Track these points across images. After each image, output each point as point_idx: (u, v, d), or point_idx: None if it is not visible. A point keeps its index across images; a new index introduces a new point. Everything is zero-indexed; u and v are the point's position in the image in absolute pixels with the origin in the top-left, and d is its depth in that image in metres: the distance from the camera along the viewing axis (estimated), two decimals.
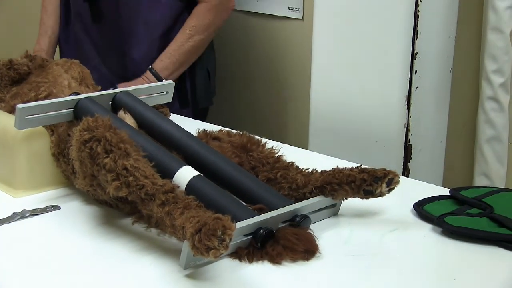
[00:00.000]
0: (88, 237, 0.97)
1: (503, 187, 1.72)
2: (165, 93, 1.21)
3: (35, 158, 1.11)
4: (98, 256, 0.93)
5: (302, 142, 1.78)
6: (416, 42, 1.64)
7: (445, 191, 1.14)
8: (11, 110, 1.18)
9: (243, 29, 2.37)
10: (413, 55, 1.65)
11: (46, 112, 1.04)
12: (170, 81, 1.28)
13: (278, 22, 2.26)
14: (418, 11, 1.60)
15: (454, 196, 1.08)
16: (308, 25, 2.00)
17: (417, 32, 1.63)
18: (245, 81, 2.46)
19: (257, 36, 2.38)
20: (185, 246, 0.84)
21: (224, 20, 1.76)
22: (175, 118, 1.29)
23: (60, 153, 1.05)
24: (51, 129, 1.10)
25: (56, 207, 1.01)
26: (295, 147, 1.40)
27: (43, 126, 1.11)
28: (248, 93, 2.44)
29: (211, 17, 1.73)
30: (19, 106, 1.03)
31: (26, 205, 1.03)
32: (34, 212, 0.99)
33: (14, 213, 0.98)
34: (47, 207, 1.01)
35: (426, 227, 1.01)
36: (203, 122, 1.51)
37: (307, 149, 1.69)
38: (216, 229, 0.79)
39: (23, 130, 1.07)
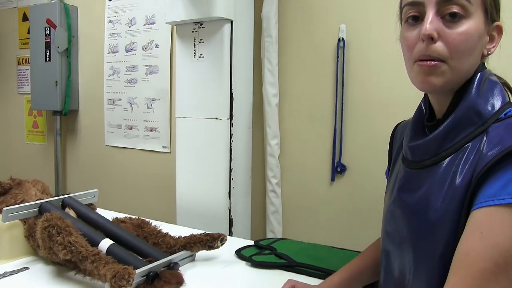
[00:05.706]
0: (47, 285, 1.25)
1: (280, 237, 2.20)
2: (93, 196, 1.66)
3: (14, 239, 1.45)
4: None
5: (172, 221, 2.20)
6: None
7: (251, 242, 1.59)
8: (0, 211, 1.46)
9: (132, 160, 3.08)
10: None
11: (21, 211, 1.43)
12: (95, 190, 1.59)
13: (155, 154, 2.98)
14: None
15: (256, 245, 1.52)
16: (173, 156, 2.60)
17: None
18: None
19: (144, 165, 3.07)
20: (107, 286, 1.10)
21: None
22: (99, 211, 1.67)
23: (30, 235, 1.44)
24: (24, 221, 1.46)
25: (26, 268, 1.38)
26: (168, 224, 1.81)
27: (19, 219, 1.45)
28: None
29: None
30: (5, 208, 1.40)
31: (7, 268, 1.39)
32: (12, 273, 1.35)
33: None
34: (21, 269, 1.37)
35: (242, 263, 1.42)
36: (115, 212, 1.78)
37: (175, 224, 2.12)
38: (124, 274, 1.06)
39: (7, 222, 1.41)
